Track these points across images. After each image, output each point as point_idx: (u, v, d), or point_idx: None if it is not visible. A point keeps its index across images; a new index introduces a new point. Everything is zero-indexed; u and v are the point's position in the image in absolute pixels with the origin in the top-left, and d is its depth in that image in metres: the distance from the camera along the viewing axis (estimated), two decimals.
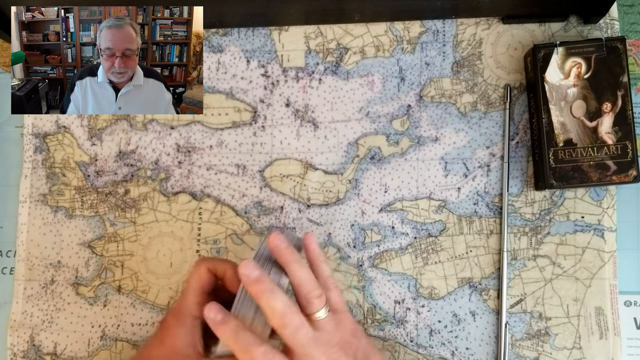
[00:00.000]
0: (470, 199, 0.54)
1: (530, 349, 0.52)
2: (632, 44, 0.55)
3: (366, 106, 0.55)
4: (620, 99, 0.50)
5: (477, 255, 0.53)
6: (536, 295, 0.53)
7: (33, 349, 0.54)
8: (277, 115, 0.55)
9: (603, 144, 0.50)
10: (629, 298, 0.53)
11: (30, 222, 0.56)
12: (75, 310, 0.55)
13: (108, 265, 0.55)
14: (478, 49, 0.55)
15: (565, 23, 0.55)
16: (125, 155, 0.56)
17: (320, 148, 0.55)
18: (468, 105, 0.54)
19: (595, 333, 0.52)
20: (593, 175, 0.50)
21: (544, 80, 0.51)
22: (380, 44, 0.55)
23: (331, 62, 0.55)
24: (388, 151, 0.55)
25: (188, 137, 0.56)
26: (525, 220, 0.53)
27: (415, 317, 0.53)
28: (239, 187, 0.55)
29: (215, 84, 0.56)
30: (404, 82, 0.55)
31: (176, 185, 0.55)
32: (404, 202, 0.54)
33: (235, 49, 0.56)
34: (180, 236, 0.55)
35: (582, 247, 0.53)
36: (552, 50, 0.51)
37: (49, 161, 0.56)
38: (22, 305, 0.55)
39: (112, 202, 0.56)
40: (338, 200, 0.54)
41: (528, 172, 0.54)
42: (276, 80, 0.56)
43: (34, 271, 0.55)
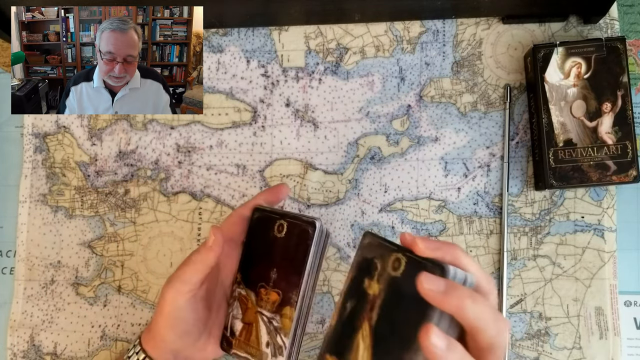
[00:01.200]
0: (470, 199, 0.54)
1: (530, 349, 0.52)
2: (632, 44, 0.55)
3: (366, 106, 0.55)
4: (620, 99, 0.50)
5: (477, 255, 0.53)
6: (536, 295, 0.53)
7: (33, 349, 0.54)
8: (277, 115, 0.55)
9: (603, 144, 0.50)
10: (629, 298, 0.53)
11: (30, 222, 0.56)
12: (75, 310, 0.55)
13: (108, 265, 0.55)
14: (478, 49, 0.55)
15: (565, 23, 0.55)
16: (125, 155, 0.56)
17: (320, 148, 0.55)
18: (468, 105, 0.54)
19: (595, 333, 0.52)
20: (593, 175, 0.50)
21: (544, 80, 0.51)
22: (380, 44, 0.55)
23: (331, 62, 0.55)
24: (388, 151, 0.55)
25: (188, 137, 0.56)
26: (525, 220, 0.53)
27: None
28: (239, 187, 0.55)
29: (215, 84, 0.56)
30: (404, 82, 0.55)
31: (176, 185, 0.55)
32: (404, 202, 0.54)
33: (235, 49, 0.56)
34: (180, 236, 0.55)
35: (582, 247, 0.53)
36: (552, 50, 0.51)
37: (49, 161, 0.56)
38: (22, 305, 0.55)
39: (112, 202, 0.56)
40: (338, 200, 0.54)
41: (528, 172, 0.54)
42: (276, 80, 0.56)
43: (34, 271, 0.55)
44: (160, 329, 0.43)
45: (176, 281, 0.41)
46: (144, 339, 0.45)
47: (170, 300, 0.41)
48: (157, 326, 0.43)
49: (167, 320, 0.42)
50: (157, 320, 0.43)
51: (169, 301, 0.42)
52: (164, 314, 0.42)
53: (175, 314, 0.42)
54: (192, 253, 0.43)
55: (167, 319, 0.42)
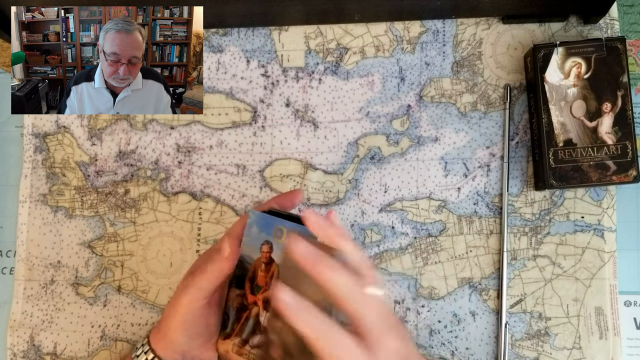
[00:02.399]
0: (470, 199, 0.54)
1: (530, 349, 0.52)
2: (632, 44, 0.55)
3: (366, 106, 0.55)
4: (620, 99, 0.50)
5: (477, 255, 0.53)
6: (536, 295, 0.53)
7: (33, 349, 0.54)
8: (277, 115, 0.55)
9: (603, 144, 0.50)
10: (629, 298, 0.53)
11: (30, 222, 0.56)
12: (75, 310, 0.55)
13: (108, 265, 0.55)
14: (478, 49, 0.55)
15: (565, 23, 0.55)
16: (125, 155, 0.56)
17: (320, 148, 0.55)
18: (468, 105, 0.54)
19: (595, 333, 0.52)
20: (593, 175, 0.50)
21: (544, 80, 0.51)
22: (380, 44, 0.55)
23: (331, 62, 0.55)
24: (388, 151, 0.55)
25: (188, 137, 0.56)
26: (525, 220, 0.53)
27: (415, 317, 0.53)
28: (239, 187, 0.55)
29: (215, 84, 0.56)
30: (404, 82, 0.55)
31: (176, 185, 0.55)
32: (403, 202, 0.54)
33: (235, 49, 0.56)
34: (180, 236, 0.55)
35: (582, 247, 0.53)
36: (552, 50, 0.51)
37: (49, 161, 0.56)
38: (22, 305, 0.55)
39: (112, 202, 0.56)
40: (338, 200, 0.54)
41: (528, 172, 0.54)
42: (276, 80, 0.56)
43: (34, 271, 0.55)
44: (172, 331, 0.43)
45: (192, 288, 0.42)
46: (152, 339, 0.45)
47: (185, 305, 0.42)
48: (168, 328, 0.44)
49: (180, 324, 0.43)
50: (168, 323, 0.44)
51: (184, 306, 0.42)
52: (177, 317, 0.43)
53: (188, 319, 0.43)
54: (206, 260, 0.43)
55: (180, 322, 0.43)
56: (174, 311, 0.43)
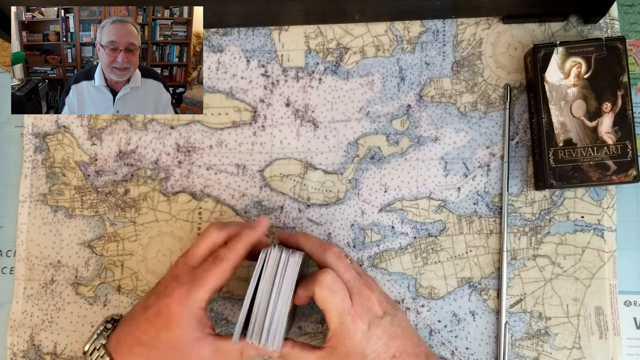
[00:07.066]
0: (470, 199, 0.54)
1: (530, 348, 0.52)
2: (632, 43, 0.55)
3: (366, 106, 0.55)
4: (620, 99, 0.50)
5: (476, 255, 0.53)
6: (536, 295, 0.53)
7: (33, 348, 0.54)
8: (277, 115, 0.55)
9: (603, 143, 0.50)
10: (628, 298, 0.53)
11: (30, 221, 0.56)
12: (75, 310, 0.55)
13: (108, 265, 0.55)
14: (478, 48, 0.55)
15: (565, 23, 0.55)
16: (125, 155, 0.56)
17: (320, 148, 0.55)
18: (468, 105, 0.54)
19: (595, 333, 0.52)
20: (593, 175, 0.50)
21: (544, 80, 0.51)
22: (380, 43, 0.55)
23: (331, 61, 0.55)
24: (388, 151, 0.55)
25: (188, 137, 0.56)
26: (525, 220, 0.53)
27: (415, 316, 0.53)
28: (239, 187, 0.55)
29: (215, 83, 0.56)
30: (404, 82, 0.55)
31: (176, 185, 0.55)
32: (403, 202, 0.54)
33: (235, 49, 0.56)
34: (180, 236, 0.55)
35: (582, 247, 0.53)
36: (552, 50, 0.51)
37: (49, 161, 0.56)
38: (22, 305, 0.55)
39: (112, 201, 0.56)
40: (338, 200, 0.54)
41: (528, 172, 0.54)
42: (276, 80, 0.56)
43: (34, 271, 0.55)
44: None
45: (197, 289, 0.45)
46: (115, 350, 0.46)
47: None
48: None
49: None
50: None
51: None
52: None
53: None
54: (209, 272, 0.44)
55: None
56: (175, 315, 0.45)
